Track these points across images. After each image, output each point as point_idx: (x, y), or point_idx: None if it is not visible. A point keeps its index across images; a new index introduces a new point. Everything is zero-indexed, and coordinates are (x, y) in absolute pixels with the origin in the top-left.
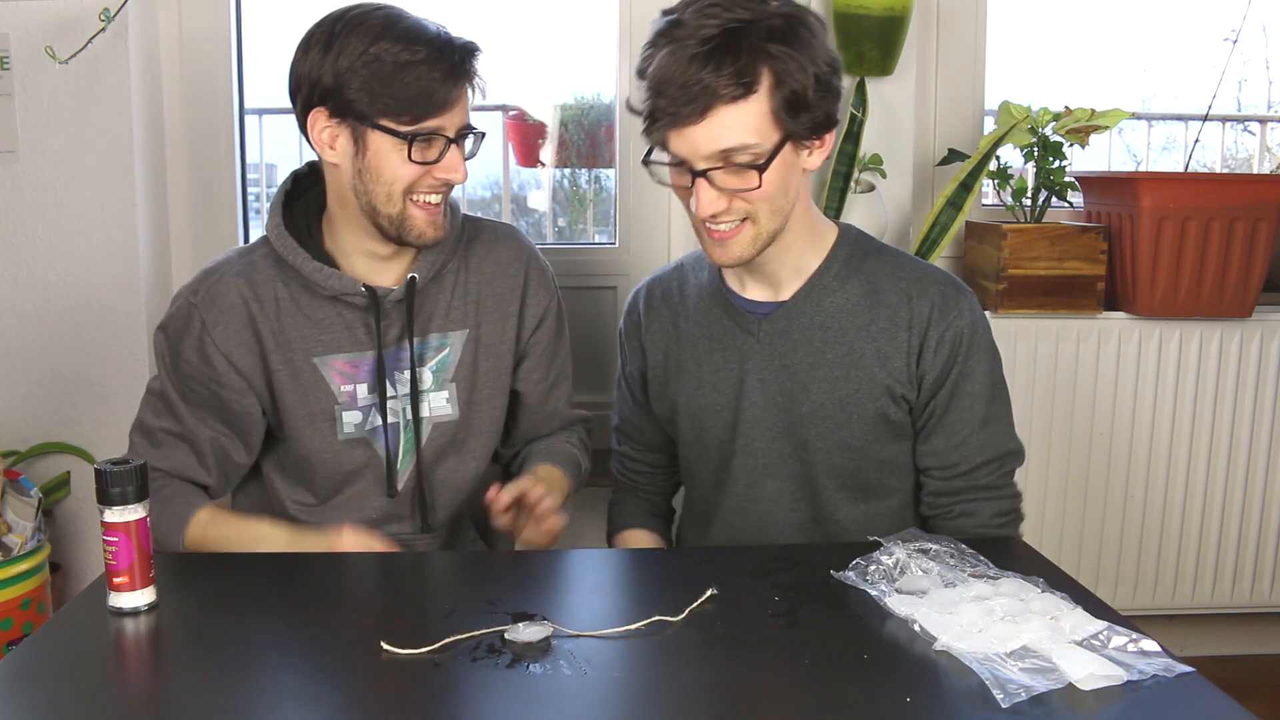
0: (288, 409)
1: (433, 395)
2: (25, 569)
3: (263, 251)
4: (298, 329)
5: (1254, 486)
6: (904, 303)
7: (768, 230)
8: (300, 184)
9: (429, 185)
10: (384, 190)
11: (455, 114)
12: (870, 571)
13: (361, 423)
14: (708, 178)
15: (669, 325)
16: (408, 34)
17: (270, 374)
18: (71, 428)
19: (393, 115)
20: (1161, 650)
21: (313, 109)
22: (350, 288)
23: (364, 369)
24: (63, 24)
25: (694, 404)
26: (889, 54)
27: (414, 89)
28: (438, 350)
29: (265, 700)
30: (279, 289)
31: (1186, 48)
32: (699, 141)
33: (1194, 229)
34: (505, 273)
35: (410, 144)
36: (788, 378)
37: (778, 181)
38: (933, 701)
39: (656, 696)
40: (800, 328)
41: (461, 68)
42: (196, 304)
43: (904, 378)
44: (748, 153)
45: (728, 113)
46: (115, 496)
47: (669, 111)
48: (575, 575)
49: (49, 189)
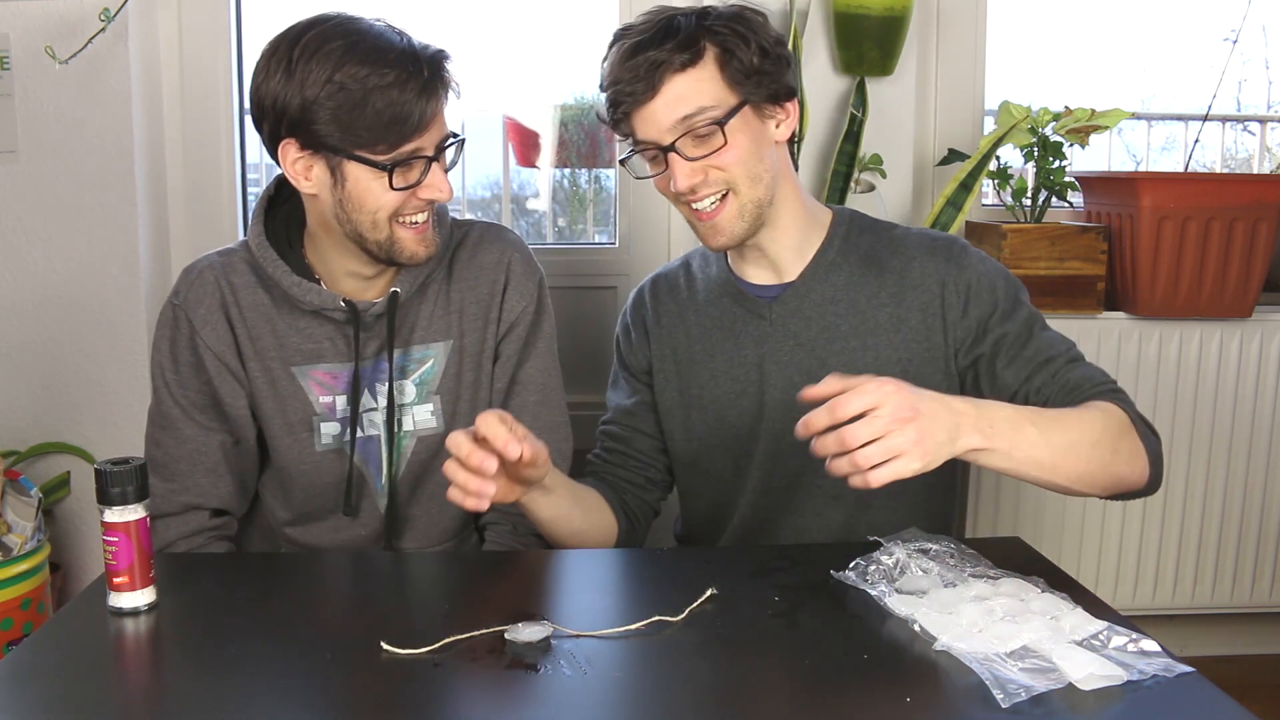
0: (266, 416)
1: (417, 408)
2: (25, 569)
3: (242, 255)
4: (275, 336)
5: (1254, 486)
6: (907, 265)
7: (751, 200)
8: (284, 189)
9: (414, 207)
10: (368, 219)
11: (433, 131)
12: (870, 571)
13: (340, 434)
14: (676, 150)
15: (676, 319)
16: (372, 54)
17: (250, 378)
18: (71, 428)
19: (367, 146)
20: (1161, 650)
21: (281, 140)
22: (330, 303)
23: (343, 380)
24: (63, 24)
25: (709, 394)
26: (889, 54)
27: (387, 115)
28: (420, 362)
29: (265, 700)
30: (258, 294)
31: (1186, 48)
32: (659, 114)
33: (1194, 229)
34: (486, 278)
35: (390, 172)
36: (805, 355)
37: (747, 144)
38: (933, 701)
39: (656, 696)
40: (812, 305)
41: (434, 82)
42: (180, 304)
43: (923, 337)
44: (705, 115)
45: (679, 81)
46: (115, 496)
47: (626, 94)
48: (575, 575)
49: (49, 189)
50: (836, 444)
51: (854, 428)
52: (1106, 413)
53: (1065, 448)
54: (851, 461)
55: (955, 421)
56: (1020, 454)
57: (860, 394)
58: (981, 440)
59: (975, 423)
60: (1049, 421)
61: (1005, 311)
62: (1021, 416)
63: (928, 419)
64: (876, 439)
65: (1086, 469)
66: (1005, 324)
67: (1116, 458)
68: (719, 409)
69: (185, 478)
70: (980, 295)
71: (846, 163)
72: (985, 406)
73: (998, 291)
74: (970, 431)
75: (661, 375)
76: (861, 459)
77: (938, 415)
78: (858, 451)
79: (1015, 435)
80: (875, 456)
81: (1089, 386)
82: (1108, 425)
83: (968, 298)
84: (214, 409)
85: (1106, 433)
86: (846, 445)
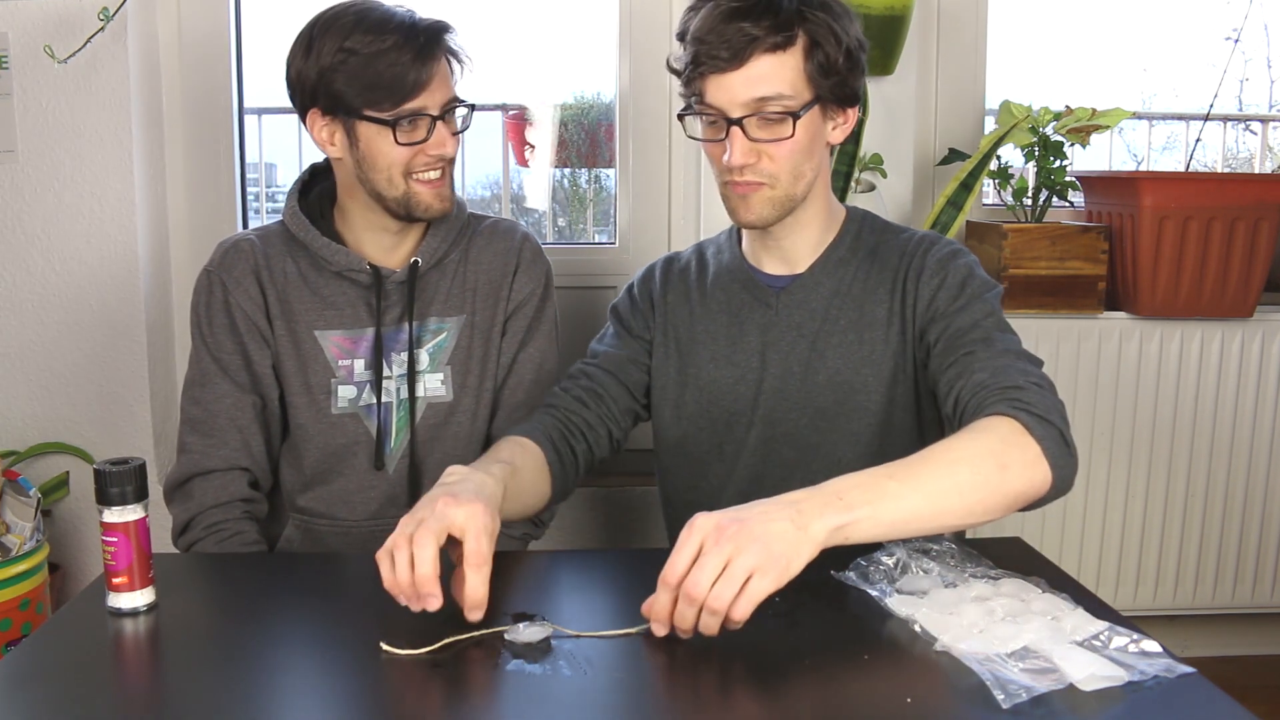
0: (286, 376)
1: (428, 376)
2: (24, 569)
3: (277, 230)
4: (301, 301)
5: (1254, 487)
6: (900, 259)
7: (786, 195)
8: (316, 176)
9: (424, 163)
10: (383, 176)
11: (435, 92)
12: (870, 571)
13: (355, 398)
14: (742, 126)
15: (683, 298)
16: (377, 25)
17: (275, 338)
18: (70, 428)
19: (374, 104)
20: (1163, 651)
21: (309, 110)
22: (356, 264)
23: (362, 345)
24: (61, 23)
25: (705, 375)
26: (889, 53)
27: (388, 75)
28: (435, 334)
29: (265, 700)
30: (288, 263)
31: (1188, 47)
32: (737, 88)
33: (1195, 229)
34: (499, 260)
35: (394, 128)
36: (805, 346)
37: (805, 141)
38: (933, 702)
39: (656, 696)
40: (818, 297)
41: (430, 47)
42: (213, 270)
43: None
44: (781, 103)
45: (766, 61)
46: (114, 497)
47: (710, 56)
48: (575, 575)
49: (48, 189)
50: (688, 605)
51: (694, 578)
52: (988, 430)
53: (940, 490)
54: (709, 611)
55: (795, 512)
56: (888, 515)
57: (680, 549)
58: (837, 516)
59: (823, 504)
60: (911, 469)
61: (960, 307)
62: (875, 476)
63: (760, 524)
64: (718, 577)
65: (974, 500)
66: (957, 317)
67: (1006, 475)
68: (714, 392)
69: (224, 433)
70: (934, 282)
71: (847, 162)
72: (827, 484)
73: (955, 284)
74: (821, 513)
75: (662, 350)
76: (715, 602)
77: (771, 515)
78: (709, 598)
79: (874, 497)
80: (727, 594)
81: (985, 394)
82: (990, 445)
83: (935, 287)
84: (246, 370)
85: (990, 455)
86: (695, 599)
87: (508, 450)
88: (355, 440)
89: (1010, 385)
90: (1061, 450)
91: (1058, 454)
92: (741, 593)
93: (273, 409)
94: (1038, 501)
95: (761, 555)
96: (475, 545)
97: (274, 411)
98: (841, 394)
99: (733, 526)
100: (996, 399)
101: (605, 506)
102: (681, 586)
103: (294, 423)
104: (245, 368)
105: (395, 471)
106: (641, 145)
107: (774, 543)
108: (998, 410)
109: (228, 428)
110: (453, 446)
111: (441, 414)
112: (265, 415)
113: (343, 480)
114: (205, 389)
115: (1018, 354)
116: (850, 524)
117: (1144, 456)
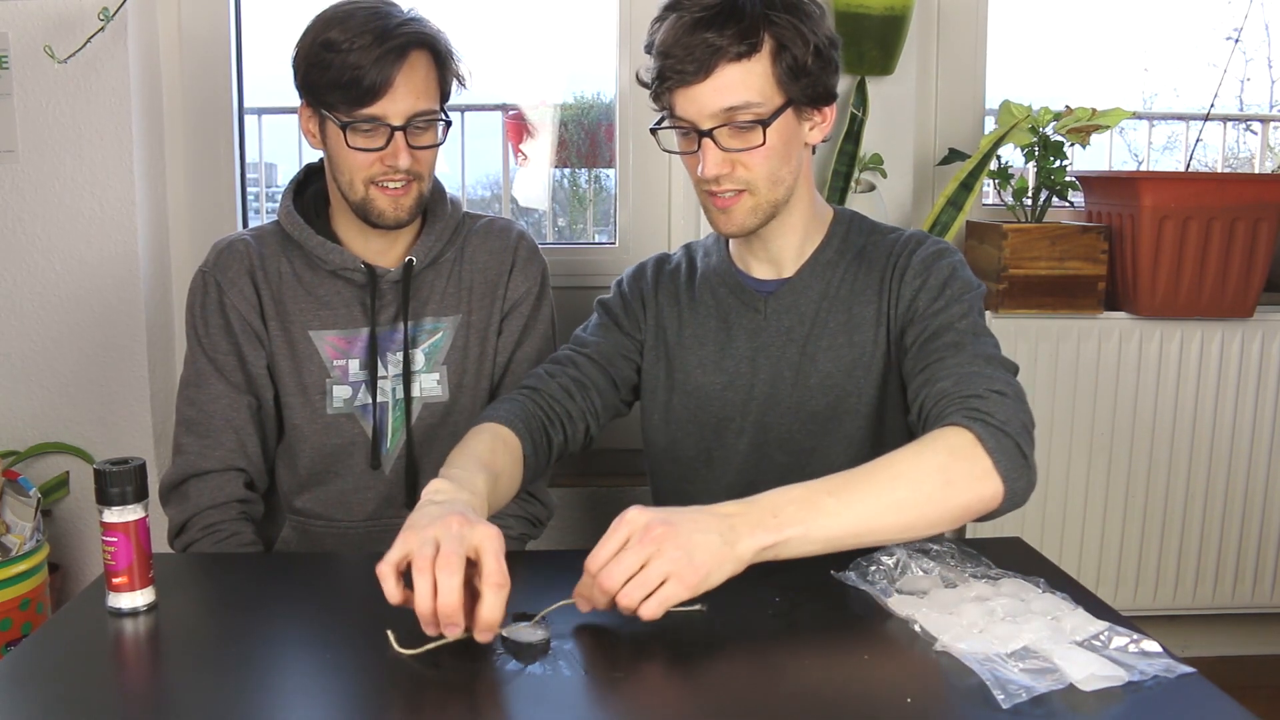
0: (281, 376)
1: (424, 376)
2: (24, 569)
3: (272, 230)
4: (296, 301)
5: (1254, 487)
6: (888, 259)
7: (767, 200)
8: (312, 176)
9: (381, 173)
10: (345, 178)
11: (398, 100)
12: (870, 571)
13: (350, 398)
14: (713, 137)
15: (671, 300)
16: (360, 23)
17: (270, 338)
18: (70, 428)
19: (331, 106)
20: (1163, 651)
21: (301, 102)
22: (350, 263)
23: (357, 345)
24: (61, 23)
25: (694, 381)
26: (889, 53)
27: (346, 76)
28: (430, 334)
29: (265, 700)
30: (283, 263)
31: (1188, 47)
32: (704, 99)
33: (1195, 229)
34: (495, 260)
35: (346, 131)
36: (795, 351)
37: (780, 146)
38: (933, 702)
39: (656, 696)
40: (806, 301)
41: (396, 54)
42: (208, 271)
43: (892, 326)
44: (750, 111)
45: (731, 71)
46: (114, 496)
47: (675, 70)
48: (575, 575)
49: (48, 189)
50: (600, 594)
51: (609, 571)
52: (938, 442)
53: (877, 508)
54: (620, 606)
55: (726, 527)
56: (820, 534)
57: (605, 540)
58: (768, 535)
59: (755, 522)
60: (852, 485)
61: (938, 309)
62: (814, 492)
63: (687, 532)
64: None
65: (914, 516)
66: (934, 319)
67: (950, 491)
68: (702, 398)
69: (220, 434)
70: (916, 283)
71: (847, 162)
72: (765, 497)
73: (936, 284)
74: (752, 531)
75: (652, 352)
76: (624, 599)
77: (702, 525)
78: (620, 594)
79: (809, 514)
80: (637, 594)
81: (946, 403)
82: (937, 460)
83: (917, 288)
84: (241, 370)
85: (936, 470)
86: (607, 592)
87: (487, 447)
88: (351, 441)
89: (971, 394)
90: (1016, 462)
91: (1010, 467)
92: (653, 594)
93: (268, 409)
94: (991, 513)
95: (681, 563)
96: (496, 565)
97: (269, 412)
98: (833, 397)
99: (660, 529)
100: (956, 409)
101: (604, 506)
102: (599, 576)
103: (289, 423)
104: (240, 368)
105: (392, 472)
106: (641, 145)
107: (697, 552)
108: (954, 421)
109: (223, 428)
110: (449, 446)
111: (438, 414)
112: (261, 416)
113: (339, 481)
114: (200, 390)
115: (988, 359)
116: (779, 544)
117: (1144, 456)
